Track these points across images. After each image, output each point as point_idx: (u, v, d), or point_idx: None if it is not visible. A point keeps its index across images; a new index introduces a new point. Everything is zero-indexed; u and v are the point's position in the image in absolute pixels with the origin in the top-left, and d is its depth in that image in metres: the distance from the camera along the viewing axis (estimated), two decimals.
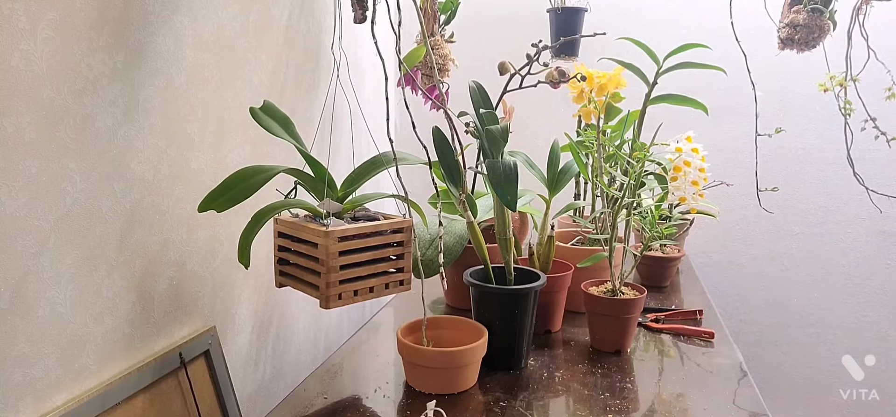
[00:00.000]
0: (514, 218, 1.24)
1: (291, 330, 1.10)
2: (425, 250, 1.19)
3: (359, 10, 0.91)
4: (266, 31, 0.95)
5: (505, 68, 1.11)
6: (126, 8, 0.68)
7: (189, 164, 0.80)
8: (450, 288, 1.33)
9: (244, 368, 0.95)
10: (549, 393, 0.95)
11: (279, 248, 0.88)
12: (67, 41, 0.61)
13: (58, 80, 0.60)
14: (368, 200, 0.90)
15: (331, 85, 0.97)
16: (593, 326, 1.13)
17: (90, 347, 0.67)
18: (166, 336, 0.78)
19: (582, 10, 1.66)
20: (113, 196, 0.68)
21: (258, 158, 0.95)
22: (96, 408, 0.66)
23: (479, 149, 1.02)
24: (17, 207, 0.57)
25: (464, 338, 0.97)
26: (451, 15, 1.32)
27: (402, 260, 0.88)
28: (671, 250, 1.50)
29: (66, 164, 0.62)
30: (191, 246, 0.82)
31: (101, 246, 0.67)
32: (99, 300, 0.67)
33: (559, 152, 1.32)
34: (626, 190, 1.10)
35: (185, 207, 0.80)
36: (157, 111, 0.74)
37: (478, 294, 1.04)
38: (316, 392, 0.96)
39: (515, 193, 0.96)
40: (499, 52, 1.17)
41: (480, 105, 1.03)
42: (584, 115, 1.19)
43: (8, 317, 0.57)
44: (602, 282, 1.16)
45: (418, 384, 0.95)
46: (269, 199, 0.87)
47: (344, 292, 0.81)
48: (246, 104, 0.86)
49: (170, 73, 0.75)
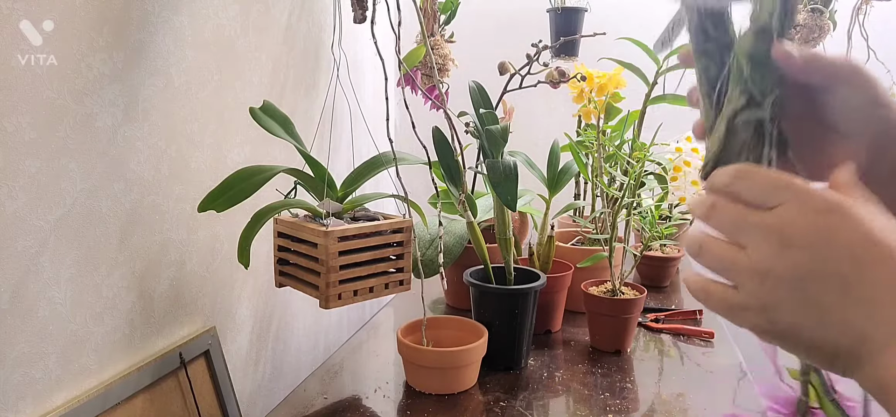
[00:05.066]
0: (514, 218, 1.24)
1: (291, 330, 1.10)
2: (425, 250, 1.19)
3: (359, 10, 0.91)
4: (266, 31, 0.95)
5: (505, 68, 1.12)
6: (126, 8, 0.68)
7: (189, 164, 0.80)
8: (450, 288, 1.33)
9: (244, 368, 0.95)
10: (549, 393, 0.95)
11: (279, 248, 0.88)
12: (67, 41, 0.61)
13: (58, 80, 0.60)
14: (368, 200, 0.90)
15: (331, 85, 0.97)
16: (593, 326, 1.13)
17: (90, 347, 0.67)
18: (166, 336, 0.78)
19: (582, 10, 1.66)
20: (113, 196, 0.68)
21: (258, 158, 0.95)
22: (96, 408, 0.66)
23: (479, 149, 1.02)
24: (17, 207, 0.57)
25: (464, 338, 0.97)
26: (451, 15, 1.32)
27: (401, 260, 0.88)
28: (671, 250, 1.50)
29: (66, 164, 0.62)
30: (191, 246, 0.82)
31: (101, 246, 0.67)
32: (99, 300, 0.67)
33: (559, 152, 1.32)
34: (626, 190, 1.10)
35: (185, 207, 0.80)
36: (157, 111, 0.74)
37: (478, 294, 1.04)
38: (316, 392, 0.96)
39: (515, 193, 0.96)
40: (499, 52, 1.17)
41: (480, 105, 1.03)
42: (584, 115, 1.19)
43: (8, 317, 0.57)
44: (602, 282, 1.16)
45: (418, 384, 0.95)
46: (269, 199, 0.87)
47: (344, 292, 0.81)
48: (246, 104, 0.86)
49: (170, 73, 0.75)
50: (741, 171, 0.39)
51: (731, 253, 0.38)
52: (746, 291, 0.37)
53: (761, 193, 0.37)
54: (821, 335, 0.35)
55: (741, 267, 0.37)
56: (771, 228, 0.36)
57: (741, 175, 0.39)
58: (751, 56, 0.39)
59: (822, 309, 0.35)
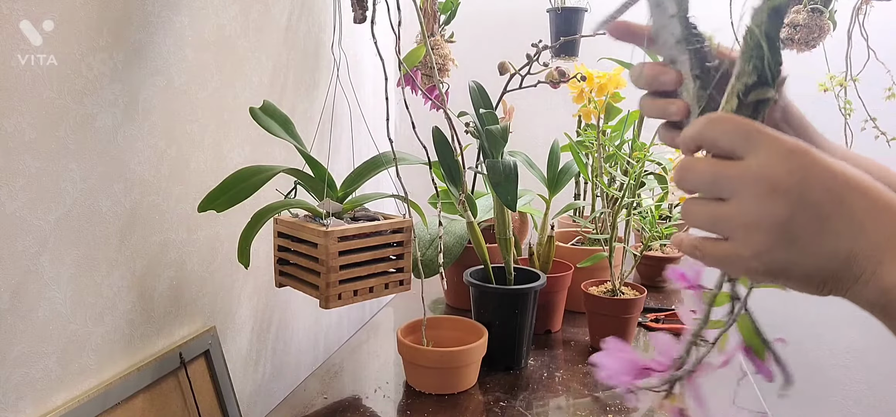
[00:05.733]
0: (514, 218, 1.24)
1: (291, 330, 1.10)
2: (425, 250, 1.19)
3: (359, 10, 0.91)
4: (266, 31, 0.95)
5: (505, 68, 1.12)
6: (126, 8, 0.68)
7: (189, 164, 0.80)
8: (450, 288, 1.33)
9: (244, 368, 0.95)
10: (549, 393, 0.95)
11: (279, 248, 0.88)
12: (67, 41, 0.61)
13: (58, 80, 0.60)
14: (368, 200, 0.90)
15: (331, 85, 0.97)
16: (593, 326, 1.13)
17: (90, 347, 0.67)
18: (166, 336, 0.78)
19: (582, 10, 1.66)
20: (113, 196, 0.68)
21: (258, 158, 0.95)
22: (96, 408, 0.66)
23: (479, 149, 1.02)
24: (17, 207, 0.57)
25: (464, 338, 0.97)
26: (451, 15, 1.32)
27: (401, 260, 0.88)
28: (671, 250, 1.50)
29: (66, 164, 0.62)
30: (191, 246, 0.82)
31: (101, 246, 0.67)
32: (99, 300, 0.67)
33: (559, 152, 1.32)
34: (626, 190, 1.10)
35: (185, 207, 0.80)
36: (157, 111, 0.74)
37: (478, 294, 1.04)
38: (316, 392, 0.96)
39: (515, 193, 0.96)
40: (499, 52, 1.17)
41: (480, 105, 1.03)
42: (584, 115, 1.19)
43: (8, 317, 0.57)
44: (602, 282, 1.16)
45: (418, 384, 0.95)
46: (269, 199, 0.87)
47: (344, 292, 0.81)
48: (246, 104, 0.86)
49: (170, 73, 0.75)
50: (712, 119, 0.41)
51: (715, 208, 0.40)
52: (738, 241, 0.39)
53: (734, 140, 0.39)
54: (812, 264, 0.38)
55: (729, 219, 0.39)
56: (753, 177, 0.38)
57: (713, 121, 0.40)
58: (767, 35, 0.40)
59: (810, 242, 0.38)
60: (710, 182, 0.40)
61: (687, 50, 0.45)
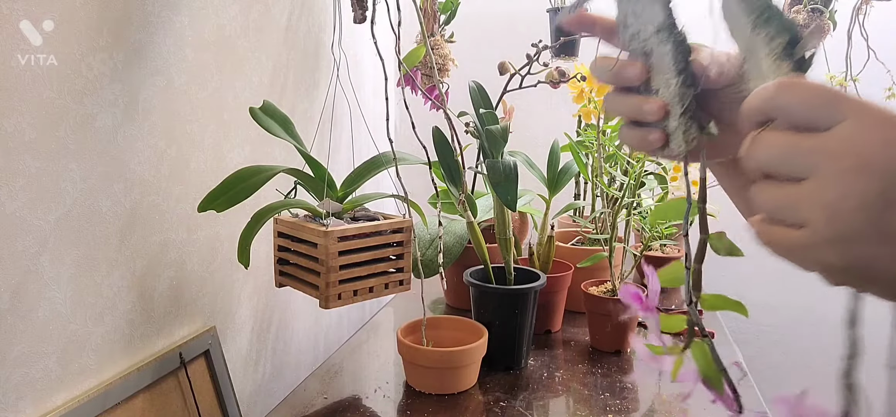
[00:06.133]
0: (514, 218, 1.24)
1: (291, 330, 1.10)
2: (425, 250, 1.19)
3: (359, 10, 0.91)
4: (266, 30, 0.95)
5: (505, 68, 1.12)
6: (126, 8, 0.68)
7: (189, 164, 0.80)
8: (450, 288, 1.33)
9: (244, 368, 0.95)
10: (549, 393, 0.95)
11: (279, 248, 0.88)
12: (67, 41, 0.61)
13: (58, 80, 0.60)
14: (368, 200, 0.90)
15: (331, 85, 0.97)
16: (593, 326, 1.13)
17: (90, 347, 0.67)
18: (166, 336, 0.78)
19: None
20: (113, 196, 0.68)
21: (258, 158, 0.95)
22: (96, 408, 0.66)
23: (479, 149, 1.02)
24: (17, 207, 0.57)
25: (464, 338, 0.97)
26: (451, 15, 1.32)
27: (401, 260, 0.88)
28: (671, 250, 1.50)
29: (66, 164, 0.62)
30: (191, 246, 0.82)
31: (101, 246, 0.67)
32: (99, 300, 0.67)
33: (559, 152, 1.33)
34: (626, 190, 1.10)
35: (185, 207, 0.80)
36: (157, 111, 0.74)
37: (478, 294, 1.04)
38: (316, 392, 0.96)
39: (515, 193, 0.96)
40: (499, 52, 1.17)
41: (480, 105, 1.03)
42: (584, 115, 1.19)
43: (8, 317, 0.57)
44: (602, 282, 1.16)
45: (418, 384, 0.95)
46: (269, 199, 0.87)
47: (344, 292, 0.81)
48: (246, 104, 0.86)
49: (170, 73, 0.75)
50: (784, 84, 0.34)
51: (789, 189, 0.33)
52: (814, 228, 0.32)
53: (812, 108, 0.33)
54: None
55: (804, 200, 0.32)
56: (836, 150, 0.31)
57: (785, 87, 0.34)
58: None
59: None
60: (783, 154, 0.33)
61: (670, 40, 0.40)
